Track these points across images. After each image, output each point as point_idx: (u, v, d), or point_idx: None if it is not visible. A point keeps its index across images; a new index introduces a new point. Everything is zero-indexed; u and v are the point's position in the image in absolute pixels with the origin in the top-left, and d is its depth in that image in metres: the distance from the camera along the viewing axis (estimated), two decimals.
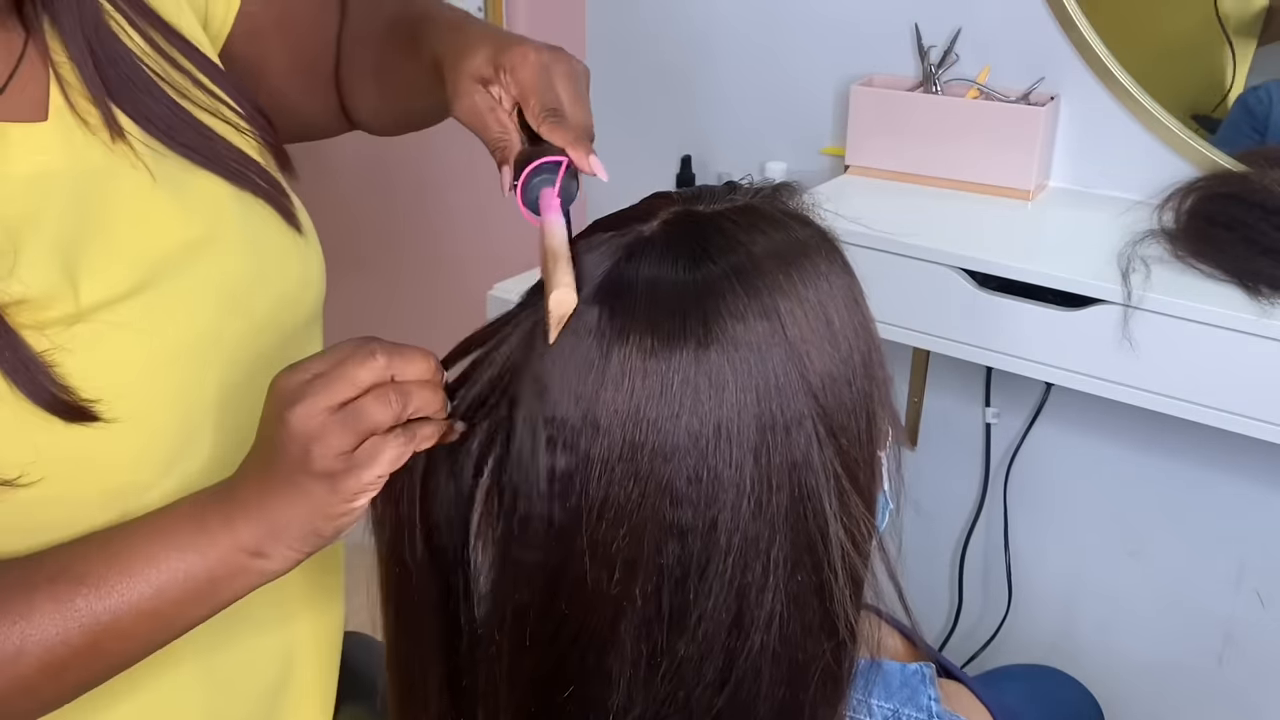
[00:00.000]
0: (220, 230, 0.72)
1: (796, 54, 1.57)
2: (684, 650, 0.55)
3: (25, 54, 0.67)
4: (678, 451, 0.53)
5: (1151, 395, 1.15)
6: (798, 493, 0.54)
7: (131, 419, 0.64)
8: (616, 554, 0.54)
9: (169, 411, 0.67)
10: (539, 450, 0.56)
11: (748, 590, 0.54)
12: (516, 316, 0.59)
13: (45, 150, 0.66)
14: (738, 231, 0.56)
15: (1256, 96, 1.33)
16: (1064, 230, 1.34)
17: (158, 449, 0.66)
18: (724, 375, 0.53)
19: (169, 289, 0.68)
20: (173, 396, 0.67)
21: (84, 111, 0.68)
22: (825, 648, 0.57)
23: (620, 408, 0.54)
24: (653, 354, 0.53)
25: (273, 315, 0.74)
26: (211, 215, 0.72)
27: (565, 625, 0.56)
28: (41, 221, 0.64)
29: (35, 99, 0.67)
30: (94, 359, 0.63)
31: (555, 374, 0.55)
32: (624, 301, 0.55)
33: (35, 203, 0.64)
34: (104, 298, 0.64)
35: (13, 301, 0.60)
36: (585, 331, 0.55)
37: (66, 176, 0.66)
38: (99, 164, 0.68)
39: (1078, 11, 1.34)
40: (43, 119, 0.67)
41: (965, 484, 1.63)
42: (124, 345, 0.65)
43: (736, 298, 0.54)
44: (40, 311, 0.61)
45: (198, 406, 0.69)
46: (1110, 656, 1.58)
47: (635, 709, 0.56)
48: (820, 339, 0.55)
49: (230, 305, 0.71)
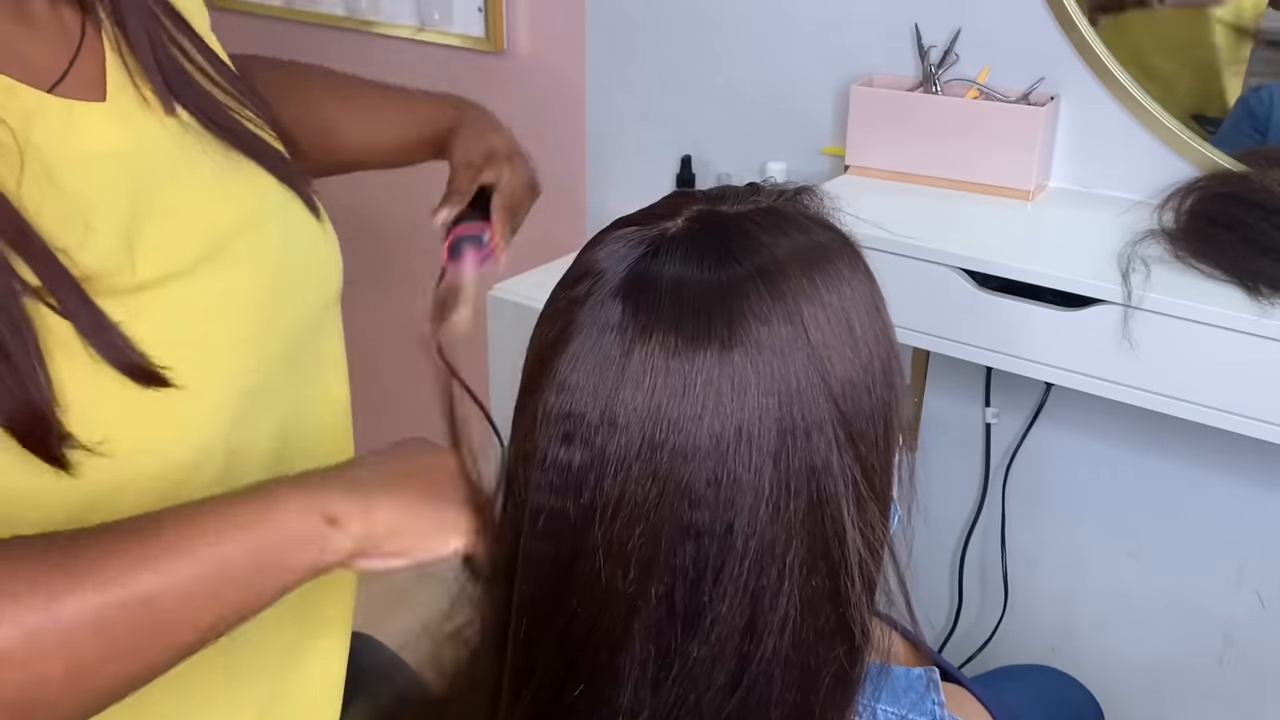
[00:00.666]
0: (264, 212, 0.75)
1: (796, 54, 1.57)
2: (696, 653, 0.55)
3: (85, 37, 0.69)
4: (698, 453, 0.53)
5: (1151, 395, 1.15)
6: (816, 498, 0.54)
7: (196, 388, 0.65)
8: (632, 552, 0.54)
9: (228, 385, 0.69)
10: (555, 444, 0.55)
11: (762, 594, 0.54)
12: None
13: (106, 129, 0.68)
14: (761, 233, 0.56)
15: (1257, 97, 1.33)
16: (1064, 230, 1.34)
17: (219, 420, 0.68)
18: (747, 377, 0.53)
19: (224, 267, 0.70)
20: (232, 370, 0.69)
21: (141, 88, 0.70)
22: (838, 652, 0.56)
23: (640, 405, 0.53)
24: (676, 353, 0.53)
25: (310, 294, 0.78)
26: (256, 197, 0.75)
27: (577, 622, 0.56)
28: (106, 198, 0.65)
29: (94, 79, 0.69)
30: (158, 330, 0.64)
31: (574, 368, 0.55)
32: (648, 298, 0.54)
33: (100, 180, 0.65)
34: (163, 273, 0.66)
35: (87, 275, 0.61)
36: (608, 326, 0.55)
37: (125, 155, 0.68)
38: (153, 143, 0.70)
39: (1078, 11, 1.34)
40: (101, 99, 0.68)
41: (965, 484, 1.63)
42: (185, 320, 0.66)
43: (761, 300, 0.54)
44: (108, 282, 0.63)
45: (251, 380, 0.71)
46: (1110, 656, 1.58)
47: (644, 711, 0.56)
48: (842, 344, 0.55)
49: (278, 283, 0.74)
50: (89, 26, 0.70)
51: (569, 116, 1.83)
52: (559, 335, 0.56)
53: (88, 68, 0.69)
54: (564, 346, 0.56)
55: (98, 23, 0.70)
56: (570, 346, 0.55)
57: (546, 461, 0.56)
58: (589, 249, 0.59)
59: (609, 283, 0.56)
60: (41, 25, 0.68)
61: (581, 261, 0.58)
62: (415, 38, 1.93)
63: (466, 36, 1.87)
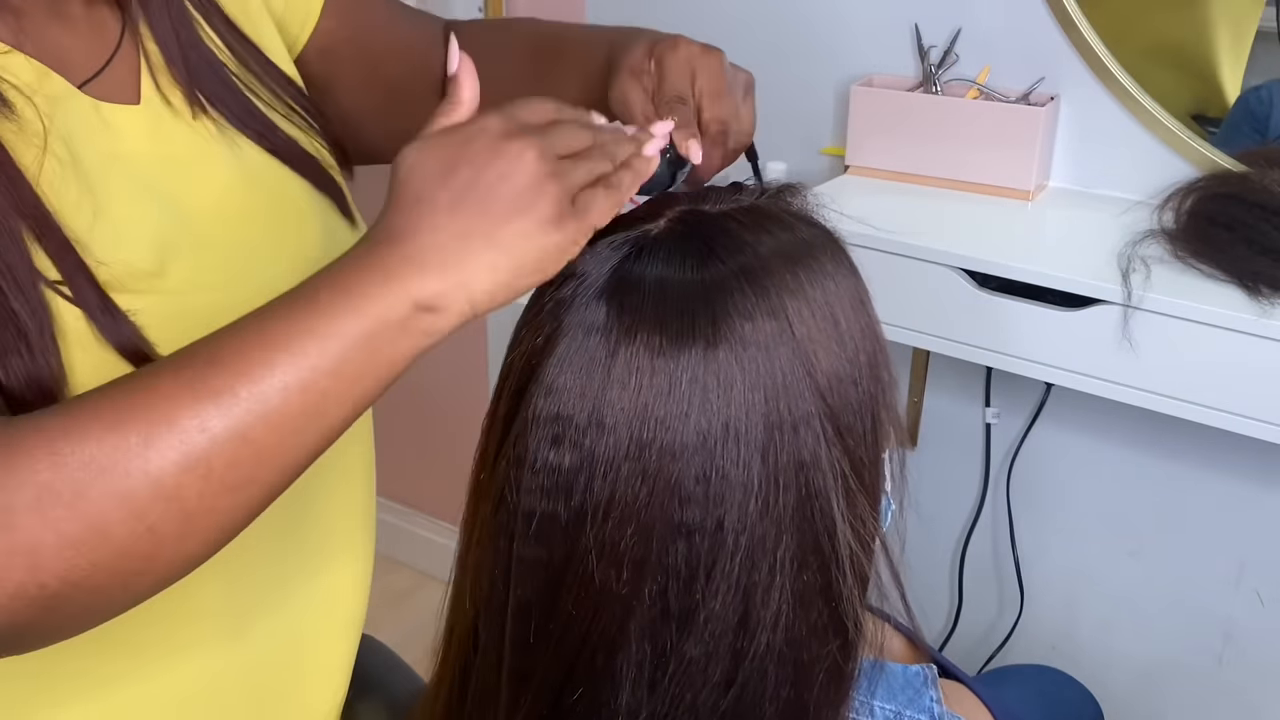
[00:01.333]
0: (297, 219, 0.74)
1: (796, 54, 1.57)
2: (691, 651, 0.55)
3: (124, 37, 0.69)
4: (686, 450, 0.53)
5: (1151, 395, 1.15)
6: (805, 492, 0.54)
7: None
8: (625, 553, 0.54)
9: None
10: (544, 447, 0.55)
11: (754, 590, 0.54)
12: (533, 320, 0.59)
13: (136, 131, 0.67)
14: (744, 231, 0.57)
15: (1257, 96, 1.33)
16: (1064, 230, 1.34)
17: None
18: (732, 374, 0.53)
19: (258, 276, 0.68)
20: None
21: (168, 93, 0.70)
22: (831, 647, 0.57)
23: (627, 406, 0.54)
24: (661, 353, 0.53)
25: None
26: (289, 204, 0.74)
27: (573, 626, 0.56)
28: (131, 199, 0.65)
29: (128, 82, 0.69)
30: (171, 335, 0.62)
31: (560, 370, 0.55)
32: (632, 299, 0.55)
33: (126, 181, 0.65)
34: (193, 282, 0.66)
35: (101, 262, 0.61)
36: (592, 328, 0.55)
37: (156, 159, 0.68)
38: (184, 149, 0.69)
39: (1078, 11, 1.33)
40: (135, 101, 0.68)
41: (965, 484, 1.63)
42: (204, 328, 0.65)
43: (745, 297, 0.54)
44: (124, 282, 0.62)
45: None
46: (1110, 656, 1.58)
47: (643, 711, 0.56)
48: (827, 339, 0.55)
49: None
50: (128, 30, 0.70)
51: None
52: (545, 339, 0.56)
53: (123, 70, 0.69)
54: (550, 350, 0.56)
55: (136, 25, 0.70)
56: (556, 349, 0.56)
57: (537, 464, 0.56)
58: None
59: (593, 285, 0.56)
60: (78, 25, 0.68)
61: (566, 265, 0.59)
62: None
63: None
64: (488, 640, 0.60)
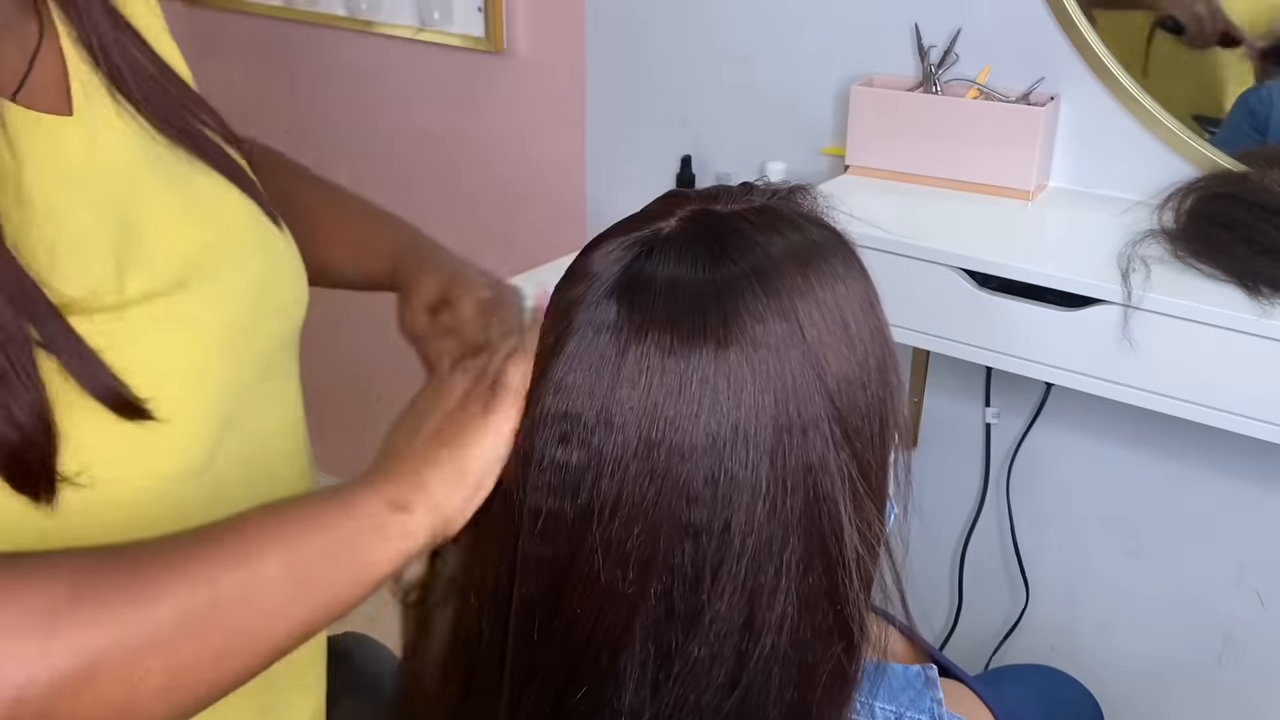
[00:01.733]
0: (236, 227, 0.74)
1: (796, 54, 1.57)
2: (696, 652, 0.55)
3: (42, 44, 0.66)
4: (695, 451, 0.53)
5: (1151, 395, 1.15)
6: (812, 495, 0.54)
7: (178, 416, 0.64)
8: (631, 552, 0.54)
9: (211, 407, 0.67)
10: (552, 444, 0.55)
11: (760, 592, 0.54)
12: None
13: (79, 144, 0.66)
14: (756, 232, 0.56)
15: (1258, 96, 1.33)
16: (1064, 230, 1.34)
17: (200, 444, 0.67)
18: (742, 376, 0.53)
19: (206, 284, 0.68)
20: (214, 392, 0.68)
21: (101, 104, 0.68)
22: (835, 649, 0.57)
23: (636, 405, 0.54)
24: (671, 352, 0.53)
25: (284, 306, 0.77)
26: (226, 212, 0.74)
27: (578, 624, 0.56)
28: (91, 218, 0.64)
29: (55, 87, 0.67)
30: (140, 354, 0.63)
31: (570, 368, 0.55)
32: (643, 298, 0.55)
33: (80, 200, 0.64)
34: (148, 291, 0.65)
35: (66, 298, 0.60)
36: (603, 327, 0.55)
37: (104, 172, 0.67)
38: (121, 160, 0.68)
39: (1078, 11, 1.34)
40: (66, 110, 0.66)
41: (965, 484, 1.63)
42: (169, 341, 0.65)
43: (756, 298, 0.54)
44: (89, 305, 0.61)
45: (232, 400, 0.69)
46: (1110, 656, 1.58)
47: (646, 712, 0.56)
48: (837, 342, 0.55)
49: (258, 299, 0.73)
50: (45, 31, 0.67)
51: (569, 116, 1.83)
52: (555, 337, 0.56)
53: (47, 74, 0.66)
54: (560, 347, 0.56)
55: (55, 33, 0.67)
56: (566, 347, 0.55)
57: (544, 462, 0.56)
58: (585, 253, 0.59)
59: (604, 283, 0.56)
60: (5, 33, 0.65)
61: (577, 264, 0.59)
62: (415, 38, 1.93)
63: (466, 36, 1.87)
64: (491, 637, 0.60)
